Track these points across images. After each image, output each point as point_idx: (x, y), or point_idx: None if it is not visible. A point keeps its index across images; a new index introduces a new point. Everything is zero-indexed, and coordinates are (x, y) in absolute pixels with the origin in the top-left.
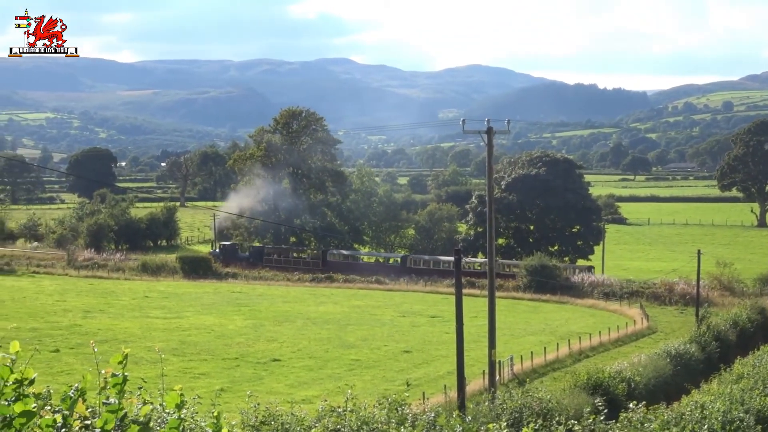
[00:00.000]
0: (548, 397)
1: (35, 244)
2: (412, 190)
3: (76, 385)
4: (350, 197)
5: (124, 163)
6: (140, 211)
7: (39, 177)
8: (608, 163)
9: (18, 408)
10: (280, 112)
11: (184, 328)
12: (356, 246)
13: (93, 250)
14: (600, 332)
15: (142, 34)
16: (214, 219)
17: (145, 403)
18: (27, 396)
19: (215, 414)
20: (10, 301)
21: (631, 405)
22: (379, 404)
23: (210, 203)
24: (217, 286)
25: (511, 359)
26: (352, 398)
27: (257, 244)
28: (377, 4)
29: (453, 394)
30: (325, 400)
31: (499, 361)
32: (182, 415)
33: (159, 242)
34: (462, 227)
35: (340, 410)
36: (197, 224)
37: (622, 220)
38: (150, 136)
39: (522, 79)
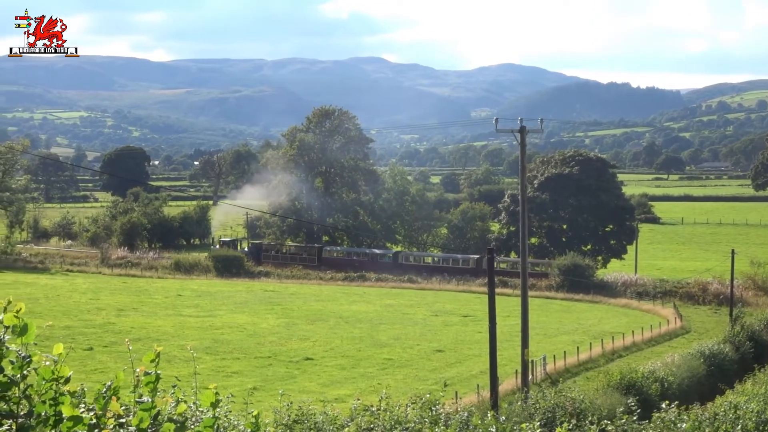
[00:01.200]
0: (581, 396)
1: (69, 242)
2: (444, 189)
3: (109, 383)
4: (383, 196)
5: (157, 162)
6: (173, 209)
7: (73, 175)
8: (641, 162)
9: (65, 411)
10: (312, 111)
11: (217, 327)
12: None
13: (126, 248)
14: (633, 332)
15: (175, 33)
16: (247, 217)
17: (179, 402)
18: (63, 394)
19: (255, 414)
20: (44, 299)
21: (663, 405)
22: (412, 403)
23: (242, 201)
24: (250, 285)
25: (544, 359)
26: (386, 397)
27: (259, 242)
28: (410, 3)
29: (486, 393)
30: (358, 399)
31: (532, 361)
32: (216, 414)
33: (192, 241)
34: (495, 226)
35: (373, 409)
36: (230, 222)
37: (655, 220)
38: (183, 134)
39: (555, 77)
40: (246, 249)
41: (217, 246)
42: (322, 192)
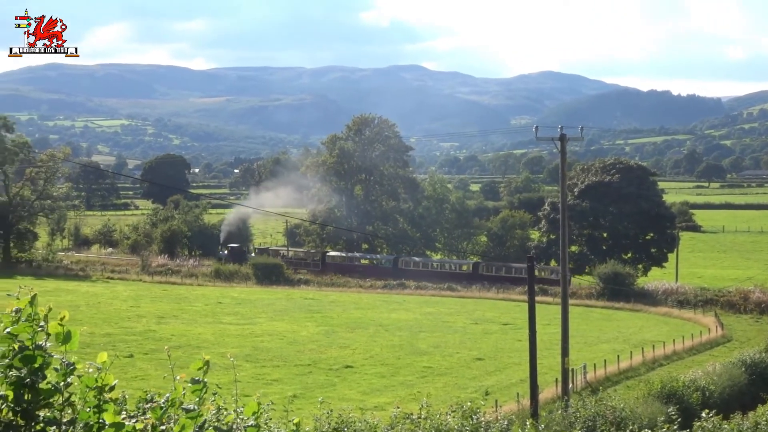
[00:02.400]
0: (622, 405)
1: (110, 249)
2: (484, 196)
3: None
4: (422, 204)
5: (197, 170)
6: (213, 217)
7: (114, 183)
8: (682, 170)
9: (108, 418)
10: (352, 119)
11: (256, 335)
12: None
13: (166, 256)
14: (674, 340)
15: (215, 41)
16: (287, 225)
17: (220, 409)
18: (107, 402)
19: (296, 421)
20: (86, 306)
21: (703, 414)
22: (452, 411)
23: (282, 209)
24: (290, 293)
25: (584, 367)
26: (427, 406)
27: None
28: (450, 11)
29: (526, 401)
30: (398, 407)
31: (572, 369)
32: (258, 422)
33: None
34: (534, 234)
35: (413, 417)
36: (269, 230)
37: (696, 228)
38: (223, 142)
39: (595, 85)
40: (253, 255)
41: (225, 252)
42: (361, 200)
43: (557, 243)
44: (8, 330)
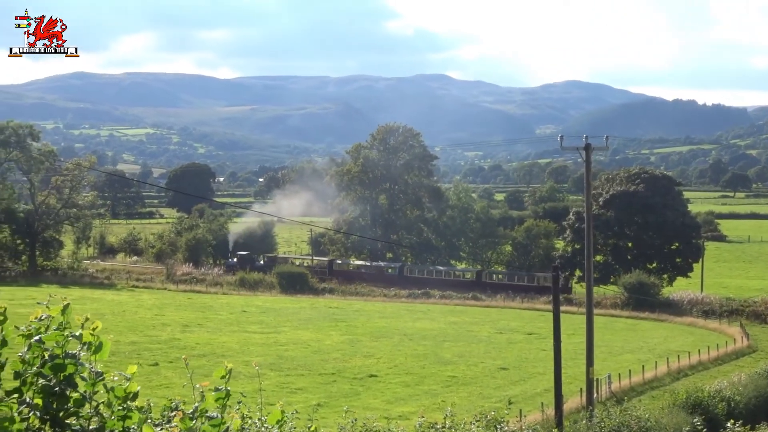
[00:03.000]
0: (647, 415)
1: (135, 258)
2: (509, 206)
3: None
4: (447, 213)
5: (222, 179)
6: (238, 226)
7: (139, 192)
8: (707, 179)
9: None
10: (377, 128)
11: (281, 343)
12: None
13: (191, 264)
14: (699, 351)
15: (240, 50)
16: (311, 234)
17: (244, 418)
18: (132, 410)
19: (312, 428)
20: (111, 314)
21: (729, 424)
22: (476, 421)
23: (307, 218)
24: (314, 302)
25: (609, 377)
26: (451, 415)
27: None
28: (475, 20)
29: (550, 411)
30: (422, 417)
31: (597, 379)
32: (282, 431)
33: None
34: (559, 244)
35: (438, 426)
36: (294, 239)
37: (721, 238)
38: (248, 151)
39: (620, 95)
40: (262, 262)
41: (234, 260)
42: (385, 209)
43: (582, 252)
44: (38, 338)
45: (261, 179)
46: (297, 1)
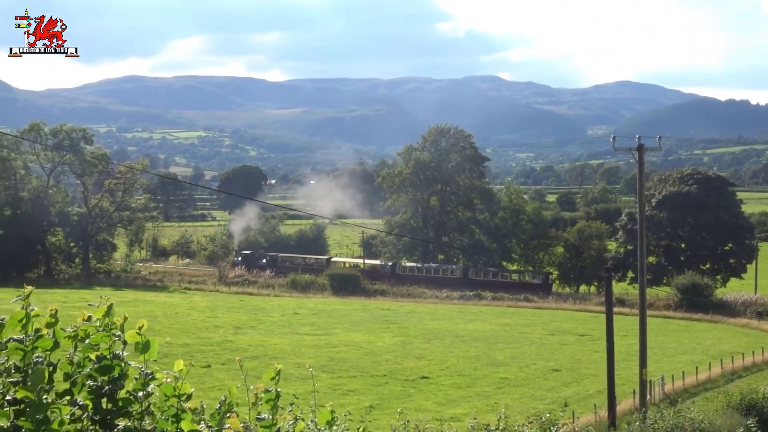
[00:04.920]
0: (700, 417)
1: (187, 260)
2: (560, 207)
3: (222, 398)
4: (498, 215)
5: (273, 181)
6: (289, 228)
7: (191, 194)
8: (761, 180)
9: (185, 426)
10: (428, 130)
11: (333, 345)
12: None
13: (243, 266)
14: (753, 352)
15: (291, 53)
16: (363, 236)
17: (296, 419)
18: (185, 411)
19: (360, 430)
20: (163, 317)
21: None
22: (529, 423)
23: (358, 221)
24: (366, 303)
25: (662, 378)
26: (505, 417)
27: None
28: (526, 21)
29: (603, 413)
30: (475, 419)
31: (650, 381)
32: None
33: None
34: (611, 245)
35: (491, 428)
36: (345, 241)
37: None
38: (299, 154)
39: (672, 95)
40: (264, 261)
41: (239, 258)
42: (437, 210)
43: (634, 254)
44: (87, 339)
45: (312, 181)
46: (348, 4)
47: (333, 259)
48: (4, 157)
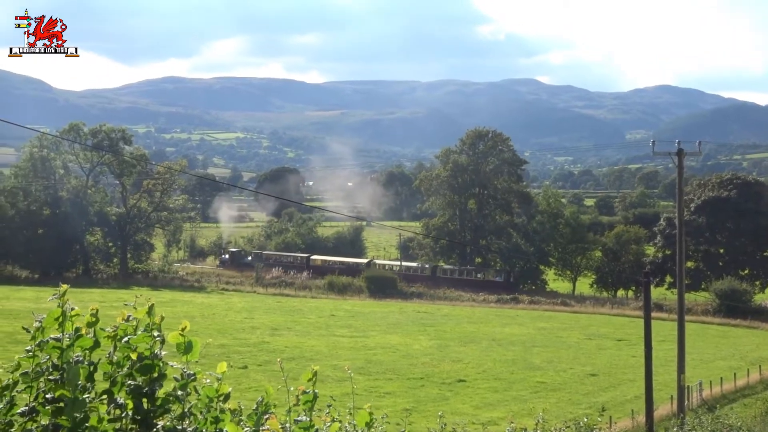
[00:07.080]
0: (739, 423)
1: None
2: (599, 211)
3: (260, 398)
4: (536, 218)
5: (311, 183)
6: (327, 230)
7: (229, 195)
8: None
9: (229, 429)
10: (466, 133)
11: (369, 347)
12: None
13: (281, 268)
14: None
15: (330, 54)
16: (400, 238)
17: (334, 421)
18: (224, 412)
19: None
20: (201, 317)
21: None
22: (567, 427)
23: (396, 223)
24: (403, 306)
25: (700, 384)
26: (543, 422)
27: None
28: (565, 25)
29: (640, 418)
30: (512, 422)
31: (688, 386)
32: None
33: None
34: (650, 250)
35: None
36: (383, 243)
37: None
38: (337, 155)
39: (712, 99)
40: (249, 258)
41: (227, 256)
42: (475, 214)
43: (673, 258)
44: (127, 339)
45: (350, 184)
46: (387, 6)
47: (313, 257)
48: (44, 157)
